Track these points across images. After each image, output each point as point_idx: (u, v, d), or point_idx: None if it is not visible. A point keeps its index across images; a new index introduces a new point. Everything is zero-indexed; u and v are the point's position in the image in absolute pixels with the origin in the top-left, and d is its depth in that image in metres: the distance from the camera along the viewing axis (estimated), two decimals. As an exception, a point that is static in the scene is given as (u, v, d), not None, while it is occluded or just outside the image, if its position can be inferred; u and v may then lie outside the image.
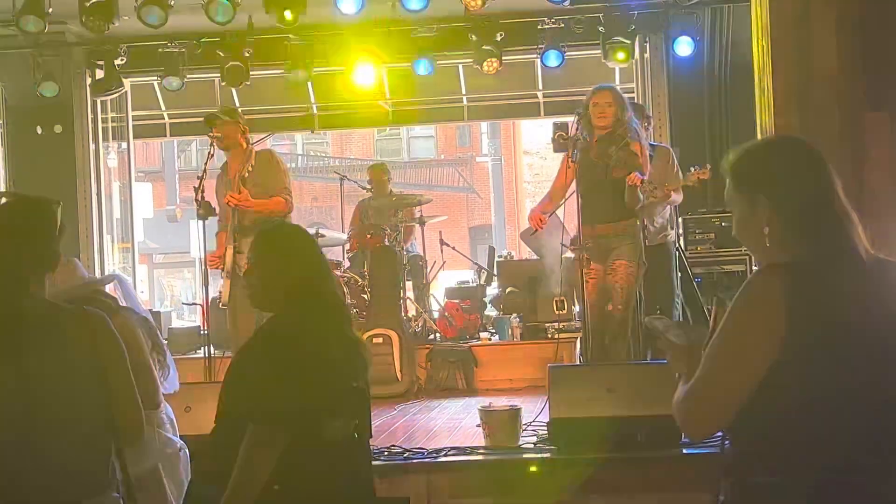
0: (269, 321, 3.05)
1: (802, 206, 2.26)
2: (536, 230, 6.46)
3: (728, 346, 2.20)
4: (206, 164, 6.57)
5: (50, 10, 7.65)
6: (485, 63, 9.29)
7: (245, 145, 6.53)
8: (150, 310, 7.68)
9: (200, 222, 6.54)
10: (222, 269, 6.37)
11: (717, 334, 2.23)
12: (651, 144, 7.10)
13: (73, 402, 2.68)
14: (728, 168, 2.40)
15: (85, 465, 2.72)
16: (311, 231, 9.31)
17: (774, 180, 2.29)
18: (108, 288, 4.13)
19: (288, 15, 7.73)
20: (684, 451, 4.62)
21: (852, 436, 2.16)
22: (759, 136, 4.67)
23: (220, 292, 6.41)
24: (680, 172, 6.79)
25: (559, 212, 8.46)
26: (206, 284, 6.33)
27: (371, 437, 3.19)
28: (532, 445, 5.00)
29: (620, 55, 9.14)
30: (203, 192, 6.37)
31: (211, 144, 6.50)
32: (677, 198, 6.75)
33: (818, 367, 2.14)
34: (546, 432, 5.01)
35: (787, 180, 2.29)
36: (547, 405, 4.98)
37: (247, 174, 6.34)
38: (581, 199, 6.08)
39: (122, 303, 3.97)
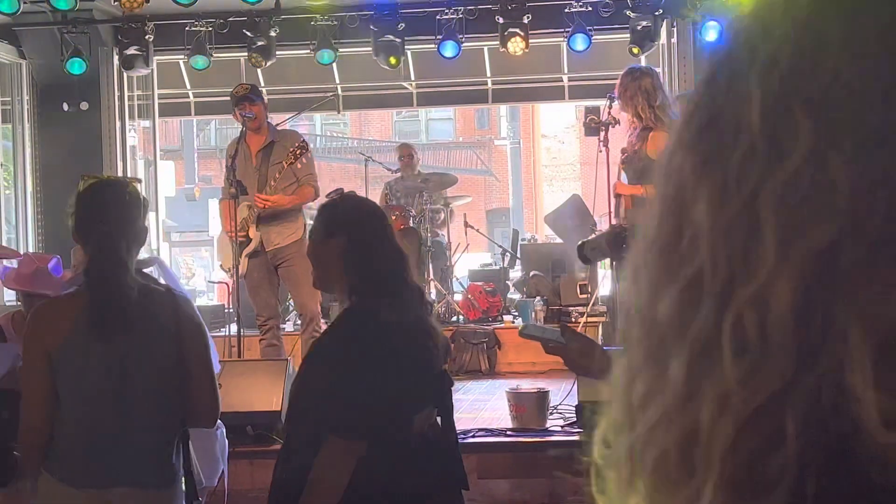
0: (340, 317, 2.81)
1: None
2: None
3: None
4: (237, 144, 6.57)
5: (80, -14, 7.67)
6: (510, 43, 9.22)
7: (266, 125, 6.62)
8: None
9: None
10: (237, 241, 6.37)
11: None
12: None
13: (157, 381, 2.79)
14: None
15: (159, 447, 2.82)
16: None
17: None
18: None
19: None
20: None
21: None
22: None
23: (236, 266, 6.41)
24: None
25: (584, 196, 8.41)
26: (236, 264, 6.34)
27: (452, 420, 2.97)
28: (559, 428, 5.03)
29: (634, 50, 9.13)
30: (235, 172, 6.37)
31: (243, 124, 6.48)
32: None
33: None
34: (573, 415, 5.05)
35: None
36: (573, 388, 5.01)
37: (293, 164, 6.33)
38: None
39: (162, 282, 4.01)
